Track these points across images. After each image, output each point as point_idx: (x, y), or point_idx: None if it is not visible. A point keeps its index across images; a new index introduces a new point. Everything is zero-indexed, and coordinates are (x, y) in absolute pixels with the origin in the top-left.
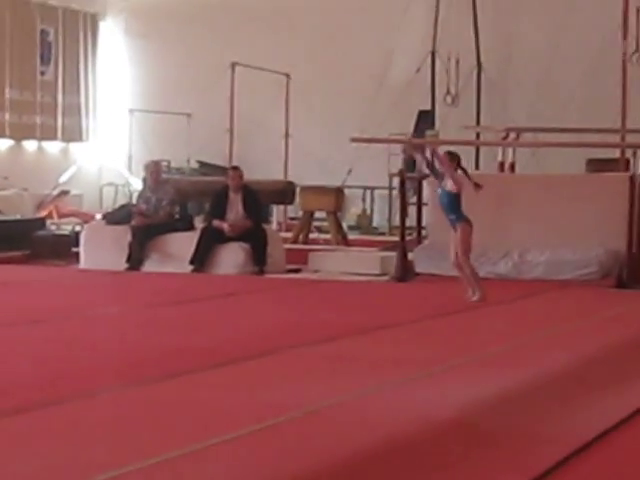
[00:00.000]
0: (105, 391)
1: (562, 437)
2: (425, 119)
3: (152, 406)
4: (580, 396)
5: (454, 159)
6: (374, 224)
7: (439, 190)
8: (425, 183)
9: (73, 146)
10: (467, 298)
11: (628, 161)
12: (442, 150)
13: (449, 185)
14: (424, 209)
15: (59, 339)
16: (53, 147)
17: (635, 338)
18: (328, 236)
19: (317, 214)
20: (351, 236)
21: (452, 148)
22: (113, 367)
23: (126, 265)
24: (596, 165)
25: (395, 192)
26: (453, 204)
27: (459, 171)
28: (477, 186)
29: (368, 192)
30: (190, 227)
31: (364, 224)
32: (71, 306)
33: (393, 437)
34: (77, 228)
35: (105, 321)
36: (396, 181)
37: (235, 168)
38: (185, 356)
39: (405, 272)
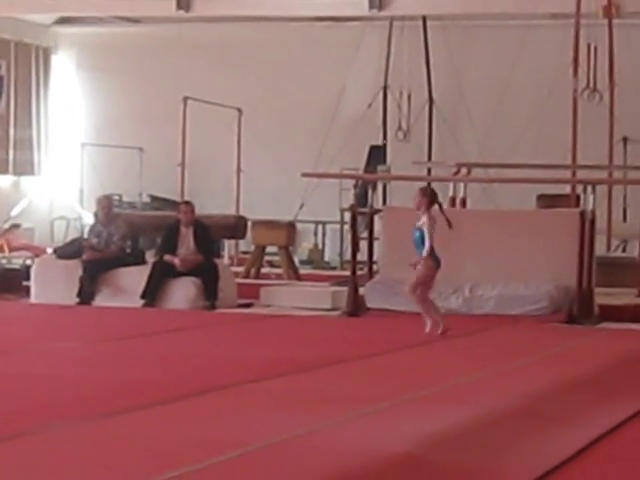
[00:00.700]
0: (52, 427)
1: (513, 472)
2: (377, 154)
3: (99, 442)
4: (531, 431)
5: (426, 195)
6: (326, 259)
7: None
8: (377, 218)
9: (24, 180)
10: (427, 332)
11: (578, 197)
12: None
13: (421, 221)
14: (375, 244)
15: (7, 374)
16: (4, 181)
17: (585, 373)
18: (280, 271)
19: (269, 248)
20: (303, 271)
21: (403, 184)
22: (62, 402)
23: (77, 299)
24: (547, 201)
25: (347, 227)
26: (423, 239)
27: (435, 206)
28: (449, 224)
29: (320, 227)
30: (141, 261)
31: (316, 259)
32: (20, 340)
33: (345, 472)
34: (28, 262)
35: (55, 356)
36: (348, 216)
37: (187, 203)
38: (135, 391)
39: (356, 307)
